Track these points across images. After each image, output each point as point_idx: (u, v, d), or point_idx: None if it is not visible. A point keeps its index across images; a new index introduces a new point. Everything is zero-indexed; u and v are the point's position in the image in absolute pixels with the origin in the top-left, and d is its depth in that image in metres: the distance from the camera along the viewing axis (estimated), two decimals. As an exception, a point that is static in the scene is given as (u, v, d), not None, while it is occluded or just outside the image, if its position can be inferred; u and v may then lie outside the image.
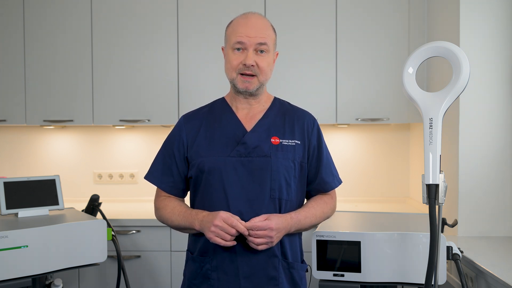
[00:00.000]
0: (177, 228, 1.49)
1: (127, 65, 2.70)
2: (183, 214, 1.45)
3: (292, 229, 1.43)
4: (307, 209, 1.49)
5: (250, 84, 1.44)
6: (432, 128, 1.27)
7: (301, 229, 1.48)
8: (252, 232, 1.35)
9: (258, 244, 1.36)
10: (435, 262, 1.23)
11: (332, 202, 1.58)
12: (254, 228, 1.34)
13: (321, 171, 1.54)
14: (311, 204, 1.52)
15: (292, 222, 1.42)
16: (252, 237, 1.35)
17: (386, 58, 2.64)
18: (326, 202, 1.55)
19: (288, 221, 1.41)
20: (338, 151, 2.98)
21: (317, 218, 1.50)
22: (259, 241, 1.35)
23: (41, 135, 3.06)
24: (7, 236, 1.61)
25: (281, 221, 1.39)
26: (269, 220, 1.36)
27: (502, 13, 2.12)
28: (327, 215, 1.55)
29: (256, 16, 1.47)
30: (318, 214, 1.51)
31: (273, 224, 1.36)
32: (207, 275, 1.44)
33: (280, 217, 1.39)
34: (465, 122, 2.14)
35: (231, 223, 1.33)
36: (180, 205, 1.50)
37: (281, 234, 1.39)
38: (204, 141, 1.48)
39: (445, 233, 2.14)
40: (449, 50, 1.29)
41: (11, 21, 2.73)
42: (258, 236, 1.35)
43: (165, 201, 1.53)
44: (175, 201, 1.52)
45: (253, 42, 1.42)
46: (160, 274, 2.46)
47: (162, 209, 1.52)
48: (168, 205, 1.51)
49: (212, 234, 1.34)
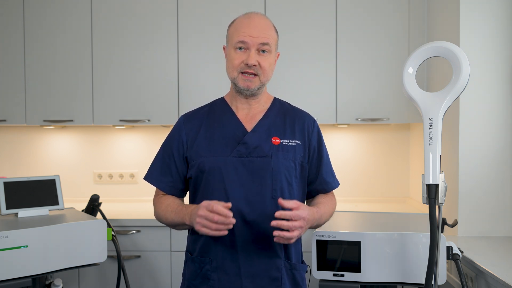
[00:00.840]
0: (172, 225, 1.47)
1: (127, 65, 2.70)
2: (175, 211, 1.43)
3: (314, 224, 1.40)
4: (323, 206, 1.47)
5: (251, 83, 1.44)
6: (432, 128, 1.27)
7: (317, 226, 1.46)
8: (280, 223, 1.26)
9: (289, 238, 1.28)
10: (435, 262, 1.23)
11: (335, 201, 1.59)
12: (282, 216, 1.27)
13: (322, 171, 1.53)
14: (325, 201, 1.52)
15: (317, 216, 1.39)
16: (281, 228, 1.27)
17: (386, 58, 2.64)
18: (332, 201, 1.56)
19: (314, 214, 1.37)
20: (338, 151, 2.98)
21: (328, 216, 1.50)
22: (289, 235, 1.27)
23: (41, 135, 3.06)
24: (7, 236, 1.61)
25: (311, 213, 1.34)
26: (301, 209, 1.29)
27: (502, 13, 2.12)
28: (332, 214, 1.55)
29: (259, 16, 1.46)
30: (330, 211, 1.51)
31: (305, 214, 1.30)
32: (207, 275, 1.43)
33: (310, 209, 1.35)
34: (465, 122, 2.14)
35: (211, 208, 1.26)
36: (174, 202, 1.49)
37: (308, 226, 1.34)
38: (204, 141, 1.47)
39: (445, 233, 2.14)
40: (449, 50, 1.29)
41: (11, 21, 2.73)
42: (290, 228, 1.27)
43: (161, 199, 1.52)
44: (169, 199, 1.51)
45: (256, 42, 1.41)
46: (160, 274, 2.46)
47: (158, 208, 1.51)
48: (163, 202, 1.50)
49: (199, 225, 1.29)
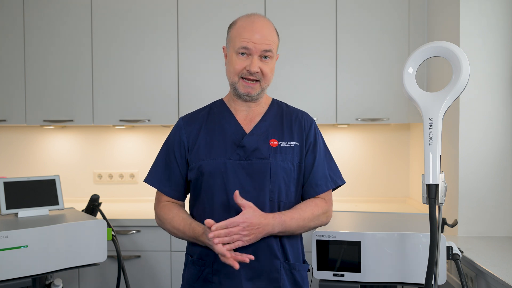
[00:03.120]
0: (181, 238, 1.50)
1: (127, 65, 2.70)
2: (183, 232, 1.44)
3: (275, 230, 1.38)
4: (295, 210, 1.43)
5: (252, 90, 1.43)
6: (432, 128, 1.27)
7: (288, 231, 1.41)
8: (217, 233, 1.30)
9: (229, 242, 1.31)
10: (435, 262, 1.23)
11: (324, 205, 1.48)
12: (229, 225, 1.30)
13: (313, 172, 1.49)
14: (300, 206, 1.46)
15: (274, 222, 1.36)
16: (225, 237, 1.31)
17: (386, 58, 2.64)
18: (317, 205, 1.47)
19: (269, 219, 1.36)
20: (338, 151, 2.98)
21: (306, 220, 1.43)
22: (228, 239, 1.31)
23: (41, 135, 3.06)
24: (7, 236, 1.61)
25: (258, 216, 1.34)
26: (244, 214, 1.32)
27: (502, 13, 2.12)
28: (320, 219, 1.47)
29: (261, 19, 1.44)
30: (307, 216, 1.43)
31: (245, 218, 1.32)
32: (207, 278, 1.43)
33: (260, 214, 1.35)
34: (465, 122, 2.14)
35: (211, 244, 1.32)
36: (178, 215, 1.46)
37: (259, 230, 1.34)
38: (204, 144, 1.47)
39: (445, 233, 2.14)
40: (449, 50, 1.28)
41: (11, 21, 2.73)
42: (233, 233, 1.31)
43: (163, 210, 1.50)
44: (172, 211, 1.48)
45: (259, 49, 1.40)
46: (160, 274, 2.46)
47: (162, 221, 1.49)
48: (167, 214, 1.48)
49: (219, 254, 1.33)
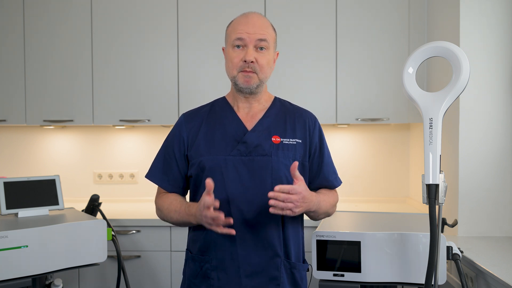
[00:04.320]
0: (176, 224, 1.50)
1: (127, 65, 2.70)
2: (179, 212, 1.45)
3: (313, 208, 1.39)
4: (323, 195, 1.49)
5: (250, 79, 1.44)
6: (432, 128, 1.27)
7: (318, 212, 1.44)
8: (277, 194, 1.26)
9: (283, 208, 1.27)
10: (435, 262, 1.23)
11: (337, 197, 1.59)
12: (291, 191, 1.27)
13: (323, 169, 1.54)
14: (324, 191, 1.53)
15: (315, 199, 1.39)
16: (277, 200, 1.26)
17: (386, 58, 2.64)
18: (334, 195, 1.57)
19: (313, 196, 1.38)
20: (338, 151, 2.98)
21: (329, 206, 1.50)
22: (283, 205, 1.26)
23: (41, 135, 3.06)
24: (7, 236, 1.61)
25: (310, 192, 1.36)
26: (300, 186, 1.30)
27: (502, 13, 2.12)
28: (334, 209, 1.56)
29: (256, 14, 1.48)
30: (331, 202, 1.51)
31: (301, 190, 1.29)
32: (207, 274, 1.44)
33: (309, 190, 1.36)
34: (465, 122, 2.14)
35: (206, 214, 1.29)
36: (175, 200, 1.49)
37: (306, 205, 1.33)
38: (204, 140, 1.48)
39: (445, 233, 2.14)
40: (449, 50, 1.28)
41: (11, 21, 2.73)
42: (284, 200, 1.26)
43: (162, 198, 1.53)
44: (170, 197, 1.51)
45: (253, 38, 1.42)
46: (160, 274, 2.46)
47: (160, 207, 1.52)
48: (165, 201, 1.51)
49: (207, 225, 1.32)
